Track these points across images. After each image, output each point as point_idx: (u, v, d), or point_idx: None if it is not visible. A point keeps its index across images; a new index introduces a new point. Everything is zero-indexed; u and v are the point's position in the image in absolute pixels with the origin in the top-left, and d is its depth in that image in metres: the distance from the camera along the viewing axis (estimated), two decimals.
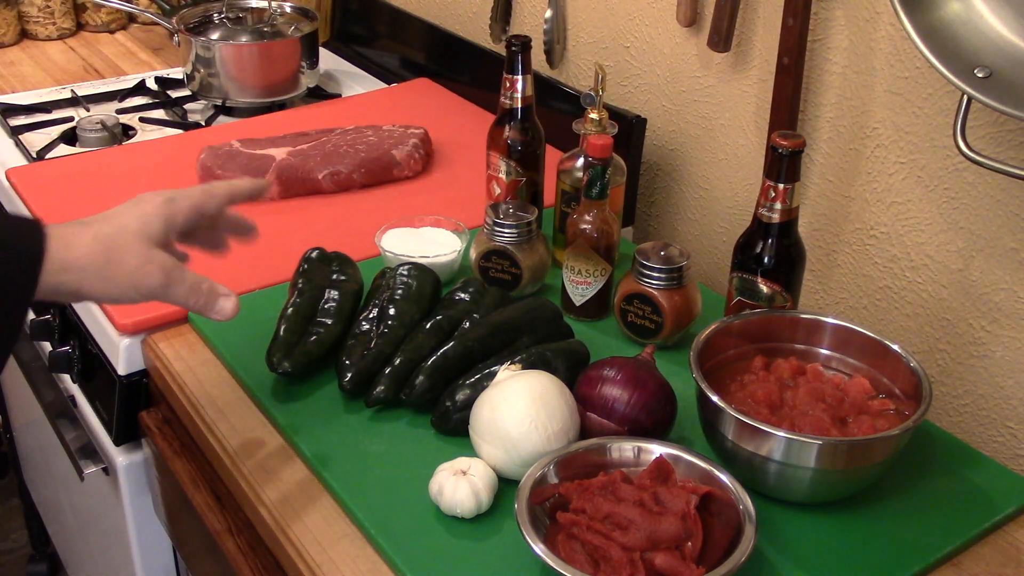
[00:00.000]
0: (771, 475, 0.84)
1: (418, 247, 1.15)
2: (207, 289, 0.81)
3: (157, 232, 0.79)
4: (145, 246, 0.78)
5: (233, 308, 0.82)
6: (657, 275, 1.02)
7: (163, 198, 0.82)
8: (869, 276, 1.15)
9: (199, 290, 0.81)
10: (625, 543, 0.75)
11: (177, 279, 0.79)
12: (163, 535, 1.23)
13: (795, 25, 1.09)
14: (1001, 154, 0.98)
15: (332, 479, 0.89)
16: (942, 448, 0.95)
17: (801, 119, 1.17)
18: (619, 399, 0.89)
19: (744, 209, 1.28)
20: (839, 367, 0.95)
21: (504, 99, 1.17)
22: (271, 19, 1.69)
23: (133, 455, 1.17)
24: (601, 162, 1.03)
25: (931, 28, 0.91)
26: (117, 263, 0.76)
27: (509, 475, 0.87)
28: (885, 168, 1.10)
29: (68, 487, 1.55)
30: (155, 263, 0.78)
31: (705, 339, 0.92)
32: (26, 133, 1.57)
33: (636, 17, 1.36)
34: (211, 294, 0.82)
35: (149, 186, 1.36)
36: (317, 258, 1.08)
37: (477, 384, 0.93)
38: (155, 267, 0.78)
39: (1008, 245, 1.00)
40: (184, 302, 0.80)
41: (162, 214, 0.81)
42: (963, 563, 0.84)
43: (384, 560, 0.83)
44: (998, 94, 0.87)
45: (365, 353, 0.99)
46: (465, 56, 1.67)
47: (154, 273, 0.78)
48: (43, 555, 2.13)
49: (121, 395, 1.13)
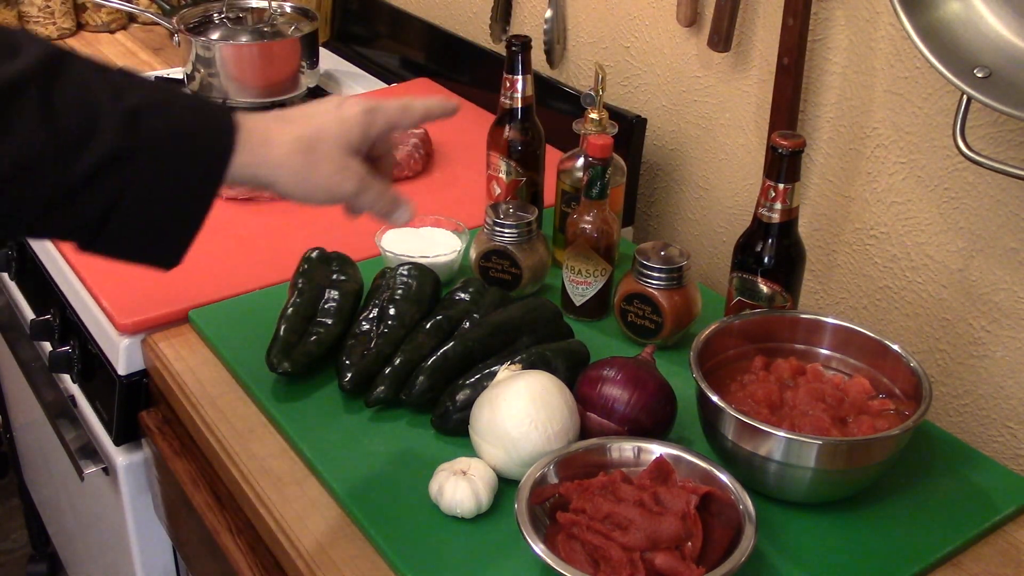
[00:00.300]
0: (771, 475, 0.84)
1: (418, 247, 1.15)
2: (391, 197, 0.84)
3: (355, 140, 0.81)
4: (342, 152, 0.80)
5: (410, 216, 0.85)
6: (657, 275, 1.02)
7: (363, 107, 0.83)
8: (869, 276, 1.15)
9: (385, 197, 0.83)
10: (625, 543, 0.75)
11: (368, 186, 0.81)
12: (163, 535, 1.23)
13: (795, 25, 1.09)
14: (1001, 154, 0.98)
15: (332, 479, 0.89)
16: (942, 448, 0.95)
17: (801, 119, 1.17)
18: (619, 399, 0.89)
19: (744, 209, 1.28)
20: (839, 367, 0.95)
21: (504, 99, 1.17)
22: (271, 19, 1.69)
23: (133, 455, 1.17)
24: (601, 162, 1.03)
25: (931, 28, 0.91)
26: (314, 166, 0.78)
27: (509, 475, 0.87)
28: (885, 168, 1.10)
29: (68, 487, 1.55)
30: (350, 170, 0.80)
31: (705, 339, 0.92)
32: None
33: (636, 17, 1.36)
34: (395, 202, 0.84)
35: None
36: (317, 258, 1.09)
37: (477, 384, 0.93)
38: (351, 174, 0.80)
39: (1008, 245, 1.00)
40: (371, 207, 0.83)
41: (362, 123, 0.82)
42: (963, 563, 0.84)
43: (384, 560, 0.83)
44: (998, 94, 0.87)
45: (365, 353, 0.99)
46: (465, 56, 1.67)
47: (349, 179, 0.80)
48: (43, 555, 2.13)
49: (121, 395, 1.13)
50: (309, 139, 0.79)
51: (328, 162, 0.79)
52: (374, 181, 0.82)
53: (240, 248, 1.24)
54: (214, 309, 1.12)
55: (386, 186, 0.83)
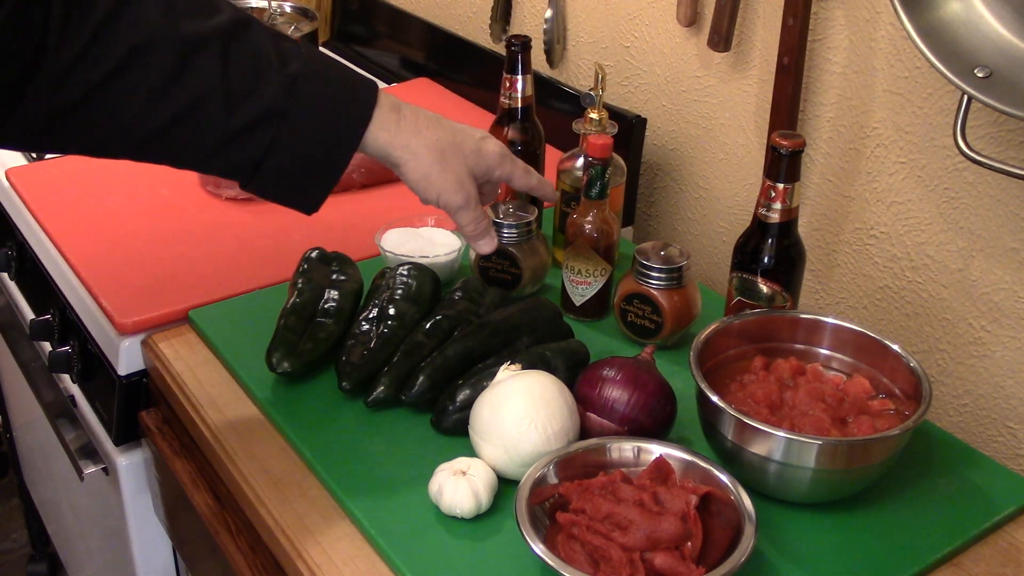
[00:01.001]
0: (771, 475, 0.84)
1: (418, 247, 1.15)
2: (484, 227, 0.97)
3: (479, 170, 0.95)
4: (466, 171, 0.93)
5: (492, 248, 0.98)
6: (657, 275, 1.02)
7: (500, 151, 0.96)
8: (869, 276, 1.15)
9: (479, 224, 0.96)
10: (625, 543, 0.75)
11: (472, 207, 0.94)
12: (163, 535, 1.23)
13: (795, 25, 1.09)
14: (1001, 154, 0.98)
15: (332, 479, 0.89)
16: (942, 448, 0.95)
17: (801, 119, 1.17)
18: (619, 399, 0.89)
19: (744, 209, 1.28)
20: (839, 367, 0.95)
21: (504, 99, 1.17)
22: (271, 19, 1.69)
23: (133, 455, 1.17)
24: (601, 162, 1.03)
25: (931, 28, 0.91)
26: (440, 170, 0.91)
27: (509, 475, 0.87)
28: (885, 168, 1.10)
29: (68, 487, 1.55)
30: (465, 188, 0.93)
31: (705, 339, 0.92)
32: None
33: (636, 17, 1.36)
34: (486, 231, 0.97)
35: (149, 187, 1.37)
36: (317, 258, 1.09)
37: (477, 384, 0.93)
38: (464, 191, 0.93)
39: (1008, 245, 1.00)
40: (463, 226, 0.96)
41: (493, 161, 0.96)
42: (963, 563, 0.84)
43: (384, 560, 0.83)
44: (998, 94, 0.87)
45: (365, 353, 0.99)
46: (465, 56, 1.67)
47: (460, 194, 0.92)
48: (43, 555, 2.14)
49: (121, 395, 1.13)
50: (448, 146, 0.91)
51: (452, 172, 0.91)
52: (477, 207, 0.95)
53: (240, 248, 1.24)
54: (214, 309, 1.12)
55: (483, 215, 0.96)
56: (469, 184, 0.93)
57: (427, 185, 0.91)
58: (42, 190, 1.35)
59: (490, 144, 0.96)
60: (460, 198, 0.92)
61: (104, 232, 1.26)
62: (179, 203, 1.33)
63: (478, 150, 0.94)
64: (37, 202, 1.32)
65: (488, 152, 0.95)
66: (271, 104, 0.82)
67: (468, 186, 0.93)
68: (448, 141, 0.91)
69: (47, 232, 1.27)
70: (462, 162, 0.92)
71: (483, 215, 0.96)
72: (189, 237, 1.25)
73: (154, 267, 1.19)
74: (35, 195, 1.34)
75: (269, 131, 0.82)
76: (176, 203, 1.33)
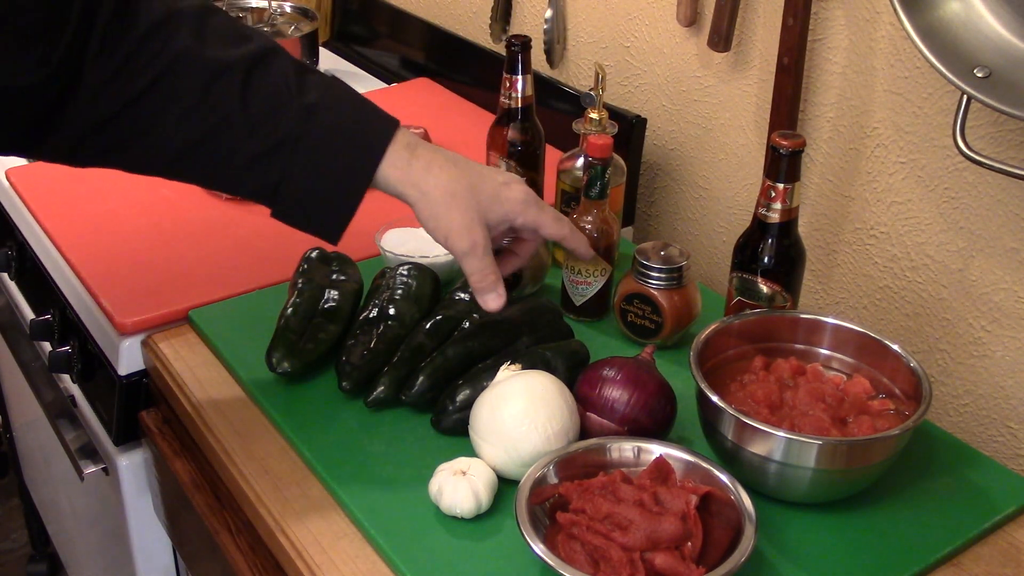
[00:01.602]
0: (771, 475, 0.84)
1: (418, 247, 1.15)
2: (491, 281, 0.90)
3: (495, 217, 0.90)
4: (477, 216, 0.89)
5: (497, 306, 0.91)
6: (657, 275, 1.02)
7: (523, 197, 0.92)
8: (869, 276, 1.15)
9: (485, 276, 0.90)
10: (625, 543, 0.75)
11: (478, 256, 0.89)
12: (163, 535, 1.23)
13: (795, 25, 1.09)
14: (1001, 154, 0.98)
15: (332, 479, 0.89)
16: (942, 448, 0.95)
17: (801, 119, 1.17)
18: (619, 399, 0.89)
19: (744, 209, 1.28)
20: (839, 367, 0.95)
21: (504, 99, 1.17)
22: (271, 19, 1.69)
23: (133, 455, 1.17)
24: (601, 162, 1.03)
25: (931, 28, 0.91)
26: (447, 212, 0.88)
27: (509, 475, 0.87)
28: (885, 168, 1.10)
29: (68, 487, 1.55)
30: (474, 234, 0.89)
31: (705, 339, 0.92)
32: None
33: (636, 17, 1.36)
34: (493, 284, 0.91)
35: (149, 187, 1.37)
36: (317, 258, 1.09)
37: (477, 384, 0.93)
38: (471, 237, 0.89)
39: (1008, 245, 1.00)
40: (469, 275, 0.90)
41: (513, 209, 0.91)
42: (963, 563, 0.84)
43: (384, 560, 0.83)
44: (998, 94, 0.87)
45: (365, 353, 0.99)
46: (465, 56, 1.67)
47: (466, 240, 0.88)
48: (43, 555, 2.14)
49: (121, 395, 1.13)
50: (461, 188, 0.88)
51: (460, 215, 0.88)
52: (486, 258, 0.89)
53: (240, 248, 1.24)
54: (214, 309, 1.12)
55: (491, 269, 0.90)
56: (478, 231, 0.89)
57: (435, 226, 0.89)
58: (42, 190, 1.35)
59: (513, 190, 0.91)
60: (465, 243, 0.88)
61: (104, 232, 1.26)
62: (179, 203, 1.33)
63: (496, 195, 0.90)
64: (37, 202, 1.32)
65: (508, 198, 0.90)
66: (287, 131, 0.84)
67: (476, 232, 0.88)
68: (463, 184, 0.89)
69: (47, 232, 1.27)
70: (474, 206, 0.89)
71: (491, 267, 0.90)
72: (189, 237, 1.25)
73: (154, 267, 1.19)
74: (35, 195, 1.34)
75: (284, 157, 0.85)
76: (176, 203, 1.33)
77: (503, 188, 0.91)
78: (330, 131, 0.86)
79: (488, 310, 0.91)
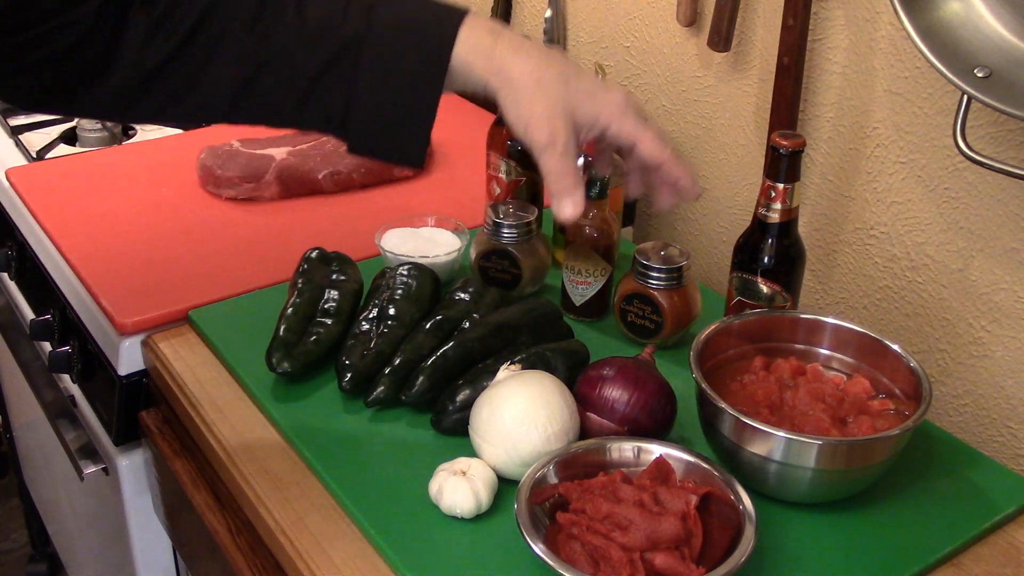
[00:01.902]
0: (771, 475, 0.84)
1: (418, 247, 1.15)
2: (570, 183, 0.80)
3: (585, 115, 0.80)
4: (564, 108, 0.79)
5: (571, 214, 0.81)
6: (657, 275, 1.02)
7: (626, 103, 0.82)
8: (869, 276, 1.15)
9: (563, 176, 0.80)
10: (625, 543, 0.75)
11: (558, 152, 0.79)
12: (163, 535, 1.23)
13: (795, 25, 1.09)
14: (1001, 154, 0.98)
15: (332, 479, 0.89)
16: (942, 448, 0.95)
17: (801, 119, 1.17)
18: (619, 399, 0.89)
19: (744, 209, 1.28)
20: (839, 367, 0.95)
21: None
22: None
23: (133, 455, 1.17)
24: None
25: (931, 28, 0.91)
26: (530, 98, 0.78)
27: (509, 475, 0.87)
28: (885, 168, 1.10)
29: (68, 487, 1.55)
30: (555, 125, 0.78)
31: (705, 339, 0.92)
32: (26, 133, 1.57)
33: (636, 17, 1.36)
34: (570, 189, 0.80)
35: (149, 186, 1.37)
36: (317, 258, 1.09)
37: (477, 384, 0.93)
38: (551, 129, 0.78)
39: (1008, 245, 1.00)
40: (546, 175, 0.80)
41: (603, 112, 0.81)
42: (963, 563, 0.84)
43: (384, 560, 0.83)
44: (998, 94, 0.87)
45: (365, 353, 0.99)
46: None
47: (545, 131, 0.78)
48: (43, 555, 2.14)
49: (121, 395, 1.13)
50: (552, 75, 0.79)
51: (544, 104, 0.78)
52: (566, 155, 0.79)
53: (240, 248, 1.24)
54: (214, 309, 1.12)
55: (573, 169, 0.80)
56: (562, 123, 0.78)
57: (516, 114, 0.79)
58: (42, 190, 1.35)
59: (613, 93, 0.81)
60: (544, 135, 0.78)
61: (104, 232, 1.26)
62: (179, 203, 1.33)
63: (591, 93, 0.80)
64: (37, 202, 1.32)
65: (605, 100, 0.80)
66: (348, 34, 0.77)
67: (559, 124, 0.78)
68: (553, 71, 0.79)
69: (47, 232, 1.27)
70: (562, 97, 0.79)
71: (571, 168, 0.79)
72: (189, 237, 1.26)
73: (154, 267, 1.19)
74: (35, 195, 1.34)
75: (349, 63, 0.78)
76: (176, 203, 1.33)
77: (601, 88, 0.81)
78: (395, 25, 0.78)
79: (562, 218, 0.81)
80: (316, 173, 1.34)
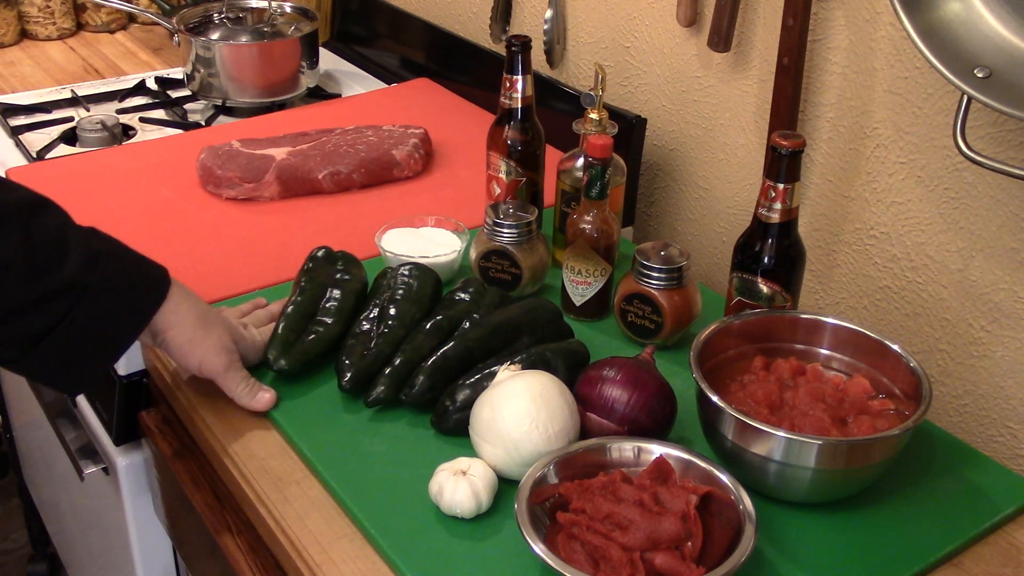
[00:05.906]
0: (771, 475, 0.84)
1: (418, 247, 1.15)
2: (253, 385, 0.97)
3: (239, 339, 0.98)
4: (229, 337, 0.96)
5: (269, 401, 0.97)
6: (657, 275, 1.02)
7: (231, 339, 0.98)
8: (869, 276, 1.15)
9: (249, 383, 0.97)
10: (625, 543, 0.75)
11: (235, 369, 0.96)
12: (163, 535, 1.23)
13: (795, 25, 1.09)
14: (1001, 154, 0.98)
15: (332, 479, 0.89)
16: (942, 448, 0.95)
17: (801, 119, 1.17)
18: (619, 399, 0.89)
19: (744, 209, 1.28)
20: (839, 367, 0.95)
21: (504, 99, 1.17)
22: (271, 19, 1.69)
23: (133, 455, 1.17)
24: (601, 162, 1.03)
25: (931, 28, 0.91)
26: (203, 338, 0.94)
27: (509, 475, 0.87)
28: (885, 168, 1.10)
29: (68, 487, 1.55)
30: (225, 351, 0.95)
31: (705, 339, 0.92)
32: (26, 133, 1.57)
33: (636, 17, 1.36)
34: (257, 386, 0.97)
35: (149, 186, 1.37)
36: (323, 257, 1.08)
37: (477, 384, 0.93)
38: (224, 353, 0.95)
39: (1008, 245, 1.00)
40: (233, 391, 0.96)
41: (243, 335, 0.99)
42: (963, 563, 0.84)
43: (384, 560, 0.83)
44: (998, 94, 0.87)
45: (365, 353, 0.99)
46: (465, 56, 1.67)
47: (220, 357, 0.95)
48: (43, 555, 2.14)
49: (121, 395, 1.13)
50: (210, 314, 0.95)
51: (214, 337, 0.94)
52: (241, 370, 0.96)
53: (240, 248, 1.24)
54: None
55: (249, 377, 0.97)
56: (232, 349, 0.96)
57: (187, 357, 0.94)
58: (42, 190, 1.35)
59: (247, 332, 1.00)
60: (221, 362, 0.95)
61: (104, 232, 1.26)
62: (179, 203, 1.33)
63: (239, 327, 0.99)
64: None
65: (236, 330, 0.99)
66: (72, 277, 0.85)
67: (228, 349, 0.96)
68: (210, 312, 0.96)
69: None
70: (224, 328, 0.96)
71: (248, 377, 0.97)
72: (189, 237, 1.26)
73: None
74: None
75: (65, 303, 0.84)
76: (176, 203, 1.33)
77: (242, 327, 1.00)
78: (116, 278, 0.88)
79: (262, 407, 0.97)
80: (316, 173, 1.34)
